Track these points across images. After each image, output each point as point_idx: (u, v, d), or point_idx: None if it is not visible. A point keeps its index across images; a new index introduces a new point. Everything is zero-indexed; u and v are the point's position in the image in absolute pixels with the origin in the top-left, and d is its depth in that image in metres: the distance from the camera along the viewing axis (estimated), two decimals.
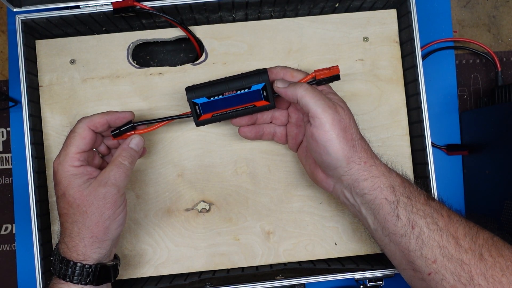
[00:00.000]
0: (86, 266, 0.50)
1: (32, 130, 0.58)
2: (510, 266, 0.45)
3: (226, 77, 0.55)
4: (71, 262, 0.50)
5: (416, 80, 0.59)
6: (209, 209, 0.61)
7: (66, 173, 0.50)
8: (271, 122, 0.59)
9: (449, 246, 0.47)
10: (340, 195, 0.54)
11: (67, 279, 0.50)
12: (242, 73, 0.55)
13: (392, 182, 0.50)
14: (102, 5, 0.57)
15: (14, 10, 0.57)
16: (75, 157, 0.51)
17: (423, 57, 0.70)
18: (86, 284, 0.50)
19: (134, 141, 0.54)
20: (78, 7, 0.57)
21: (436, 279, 0.47)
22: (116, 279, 0.54)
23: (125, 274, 0.60)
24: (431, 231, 0.48)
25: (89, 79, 0.61)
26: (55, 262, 0.51)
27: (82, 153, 0.52)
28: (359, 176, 0.50)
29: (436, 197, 0.57)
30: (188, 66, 0.62)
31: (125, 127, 0.55)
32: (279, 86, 0.53)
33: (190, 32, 0.61)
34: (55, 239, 0.60)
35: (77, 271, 0.50)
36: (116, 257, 0.56)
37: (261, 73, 0.54)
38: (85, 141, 0.52)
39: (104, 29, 0.62)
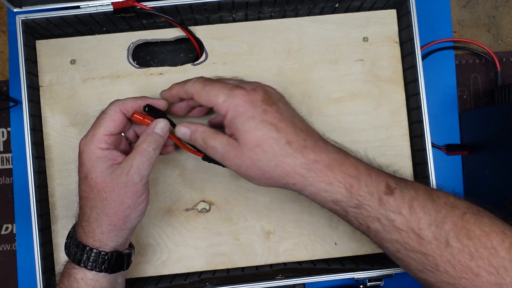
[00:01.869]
0: (103, 253, 0.49)
1: (32, 130, 0.58)
2: (480, 249, 0.43)
3: None
4: (87, 248, 0.49)
5: (416, 80, 0.59)
6: (209, 209, 0.61)
7: (91, 155, 0.49)
8: None
9: (410, 241, 0.46)
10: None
11: (82, 265, 0.49)
12: None
13: (335, 195, 0.49)
14: (102, 5, 0.57)
15: (15, 10, 0.57)
16: (103, 139, 0.49)
17: (423, 57, 0.70)
18: (100, 271, 0.49)
19: (159, 125, 0.51)
20: (78, 7, 0.57)
21: (403, 265, 0.48)
22: None
23: None
24: (388, 232, 0.47)
25: (90, 79, 0.61)
26: (71, 246, 0.50)
27: (110, 136, 0.50)
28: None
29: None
30: (188, 66, 0.62)
31: (160, 112, 0.52)
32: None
33: (190, 32, 0.61)
34: (55, 239, 0.60)
35: (93, 257, 0.48)
36: (131, 245, 0.55)
37: None
38: (114, 124, 0.50)
39: (104, 29, 0.62)
